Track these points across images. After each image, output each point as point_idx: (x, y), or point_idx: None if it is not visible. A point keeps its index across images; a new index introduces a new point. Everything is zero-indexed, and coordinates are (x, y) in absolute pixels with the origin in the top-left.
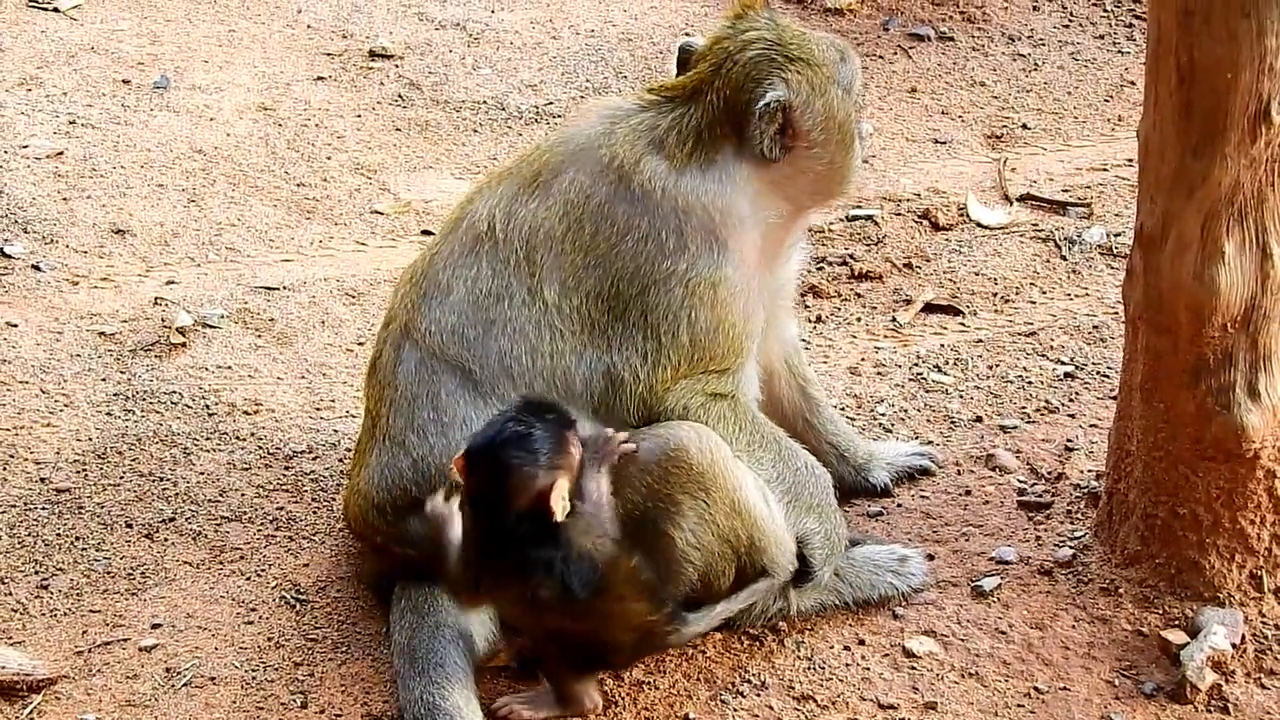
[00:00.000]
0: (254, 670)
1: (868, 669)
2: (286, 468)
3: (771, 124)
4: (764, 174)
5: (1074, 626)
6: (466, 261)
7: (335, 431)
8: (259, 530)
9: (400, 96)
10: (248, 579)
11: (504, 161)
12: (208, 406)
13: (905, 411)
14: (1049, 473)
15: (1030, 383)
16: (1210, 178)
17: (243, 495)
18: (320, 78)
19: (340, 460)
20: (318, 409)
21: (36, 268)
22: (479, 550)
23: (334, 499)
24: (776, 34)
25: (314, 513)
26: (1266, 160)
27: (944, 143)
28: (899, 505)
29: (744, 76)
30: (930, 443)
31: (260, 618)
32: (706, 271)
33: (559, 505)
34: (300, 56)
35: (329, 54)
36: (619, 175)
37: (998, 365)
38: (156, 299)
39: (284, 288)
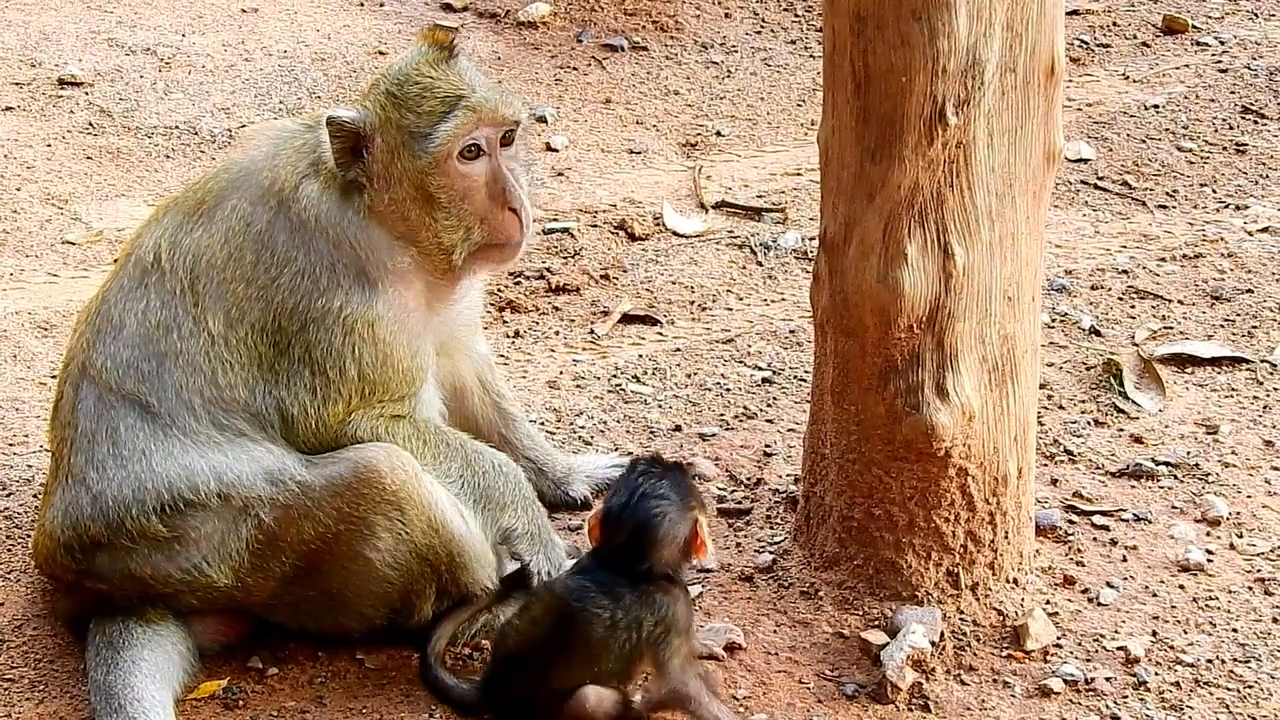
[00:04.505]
0: None
1: None
2: None
3: (335, 139)
4: (374, 207)
5: (775, 631)
6: (136, 294)
7: (29, 467)
8: None
9: (91, 124)
10: None
11: (172, 191)
12: None
13: (605, 423)
14: (748, 479)
15: (729, 390)
16: (890, 181)
17: None
18: (8, 108)
19: (34, 496)
20: (10, 445)
21: None
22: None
23: (28, 535)
24: (401, 65)
25: (8, 550)
26: (944, 162)
27: (639, 153)
28: None
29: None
30: (630, 454)
31: None
32: (361, 310)
33: (710, 543)
34: None
35: (17, 83)
36: (279, 200)
37: (696, 373)
38: None
39: None
